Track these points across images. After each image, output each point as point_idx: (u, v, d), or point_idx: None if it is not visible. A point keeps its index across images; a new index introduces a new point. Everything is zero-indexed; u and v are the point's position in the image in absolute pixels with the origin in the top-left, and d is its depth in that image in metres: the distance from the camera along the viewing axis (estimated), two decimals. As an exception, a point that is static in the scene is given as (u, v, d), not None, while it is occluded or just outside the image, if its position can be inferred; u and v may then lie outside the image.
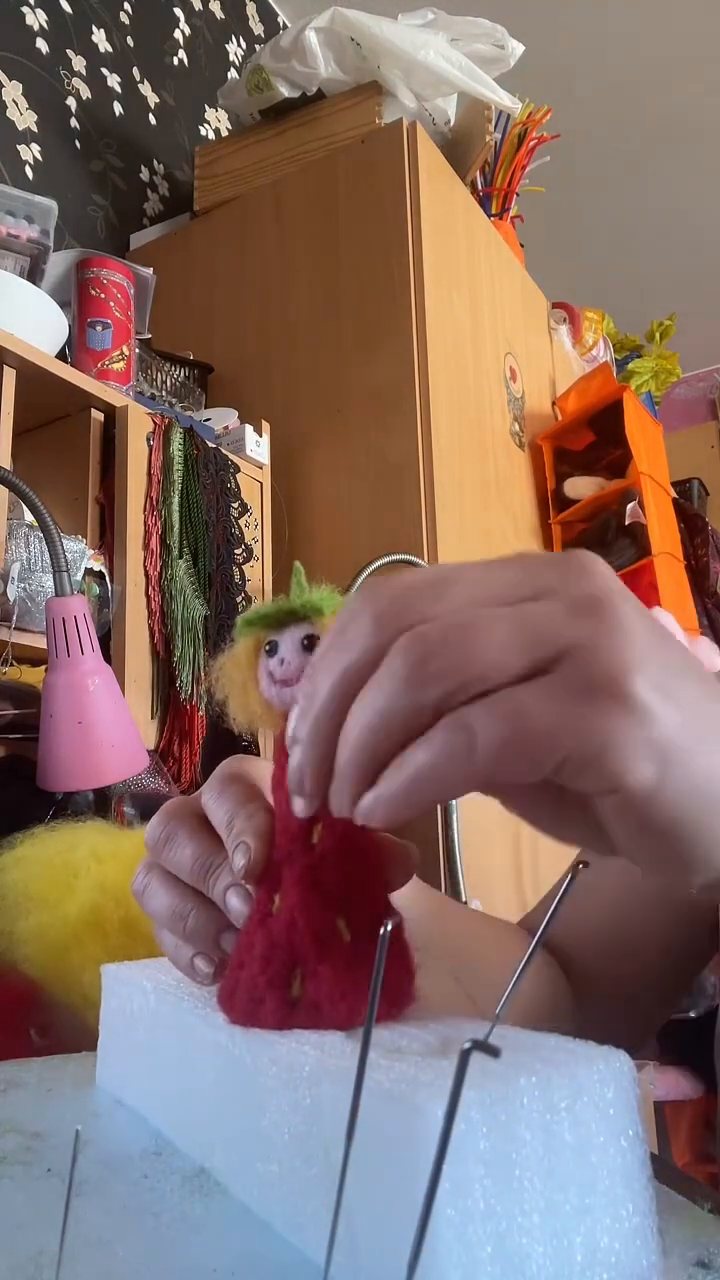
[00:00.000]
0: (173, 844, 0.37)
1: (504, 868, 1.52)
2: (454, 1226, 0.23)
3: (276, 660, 0.35)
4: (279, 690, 0.35)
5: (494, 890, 1.45)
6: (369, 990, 0.26)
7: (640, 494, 1.84)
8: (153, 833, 0.39)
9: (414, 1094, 0.24)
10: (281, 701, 0.35)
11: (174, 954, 0.37)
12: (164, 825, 0.38)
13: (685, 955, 0.58)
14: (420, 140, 1.66)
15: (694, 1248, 0.28)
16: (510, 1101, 0.24)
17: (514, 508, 1.81)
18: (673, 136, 2.93)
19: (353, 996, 0.31)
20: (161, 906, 0.37)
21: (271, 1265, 0.27)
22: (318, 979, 0.32)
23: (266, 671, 0.35)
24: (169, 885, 0.37)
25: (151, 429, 1.31)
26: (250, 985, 0.33)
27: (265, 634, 0.36)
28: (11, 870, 0.67)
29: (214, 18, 2.39)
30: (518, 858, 1.56)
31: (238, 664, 0.36)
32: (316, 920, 0.32)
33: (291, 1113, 0.28)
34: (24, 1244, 0.28)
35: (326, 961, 0.32)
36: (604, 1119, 0.26)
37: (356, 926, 0.33)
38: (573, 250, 3.09)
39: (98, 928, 0.63)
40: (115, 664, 1.19)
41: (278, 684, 0.35)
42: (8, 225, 1.31)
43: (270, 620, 0.36)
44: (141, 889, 0.38)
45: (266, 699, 0.35)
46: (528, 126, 1.98)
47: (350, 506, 1.58)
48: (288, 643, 0.35)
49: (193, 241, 1.87)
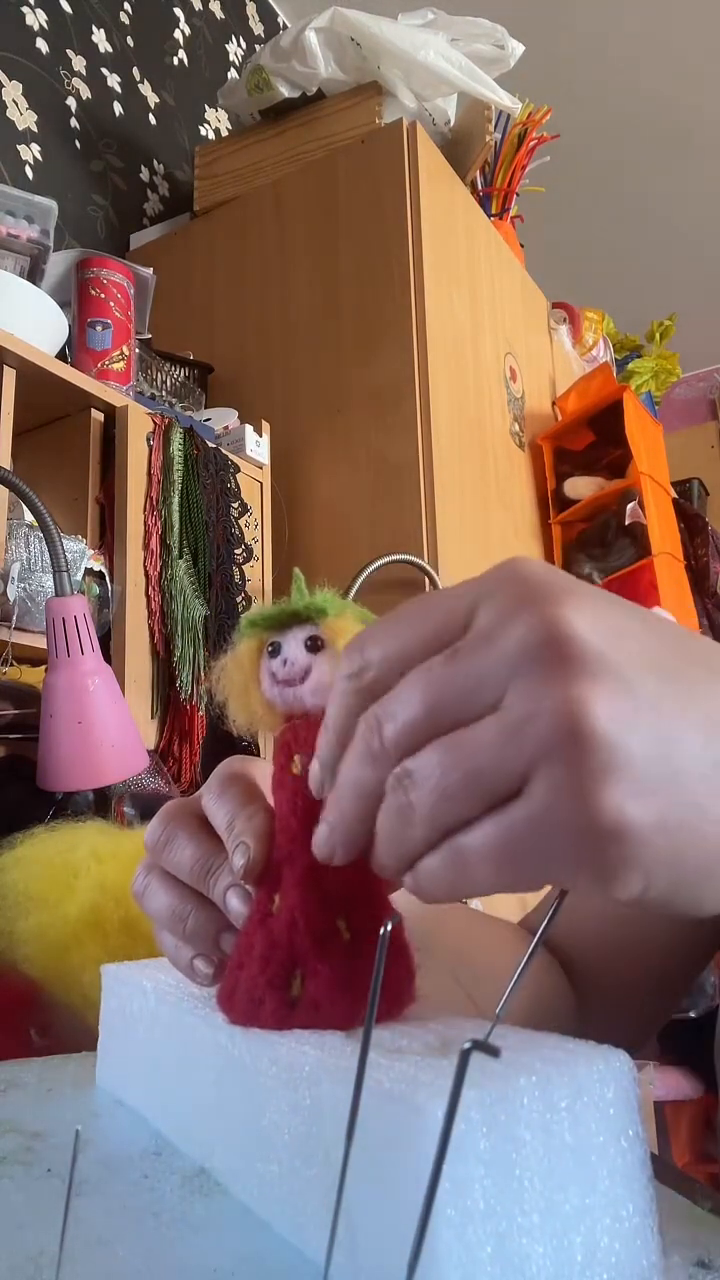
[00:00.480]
0: (173, 845, 0.37)
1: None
2: (454, 1226, 0.23)
3: (279, 661, 0.35)
4: (280, 691, 0.35)
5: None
6: (369, 990, 0.26)
7: (640, 494, 1.84)
8: (152, 834, 0.39)
9: (414, 1094, 0.24)
10: (283, 702, 0.35)
11: (174, 955, 0.37)
12: (164, 827, 0.38)
13: (686, 955, 0.58)
14: (420, 140, 1.66)
15: (694, 1248, 0.28)
16: (510, 1101, 0.24)
17: (514, 508, 1.81)
18: (672, 136, 2.93)
19: (352, 996, 0.31)
20: (161, 907, 0.37)
21: (271, 1265, 0.27)
22: (317, 979, 0.32)
23: (269, 672, 0.36)
24: (169, 886, 0.37)
25: (151, 429, 1.31)
26: (250, 985, 0.33)
27: (268, 635, 0.36)
28: (11, 870, 0.67)
29: (214, 18, 2.39)
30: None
31: (240, 664, 0.36)
32: (317, 920, 0.33)
33: (291, 1113, 0.28)
34: (24, 1244, 0.28)
35: (326, 961, 0.32)
36: (604, 1119, 0.26)
37: (356, 927, 0.33)
38: (573, 250, 3.09)
39: (98, 928, 0.63)
40: (115, 664, 1.19)
41: (280, 684, 0.35)
42: (8, 225, 1.31)
43: (273, 621, 0.36)
44: (141, 890, 0.38)
45: (268, 699, 0.36)
46: (528, 126, 1.98)
47: (350, 506, 1.58)
48: (291, 643, 0.35)
49: (193, 241, 1.87)
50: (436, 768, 0.25)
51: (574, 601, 0.26)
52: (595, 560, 1.85)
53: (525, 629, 0.25)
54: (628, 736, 0.24)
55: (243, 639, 0.36)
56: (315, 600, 0.35)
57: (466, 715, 0.26)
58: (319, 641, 0.35)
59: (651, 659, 0.26)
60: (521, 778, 0.24)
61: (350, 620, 0.35)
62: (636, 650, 0.26)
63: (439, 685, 0.26)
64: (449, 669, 0.26)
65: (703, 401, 3.04)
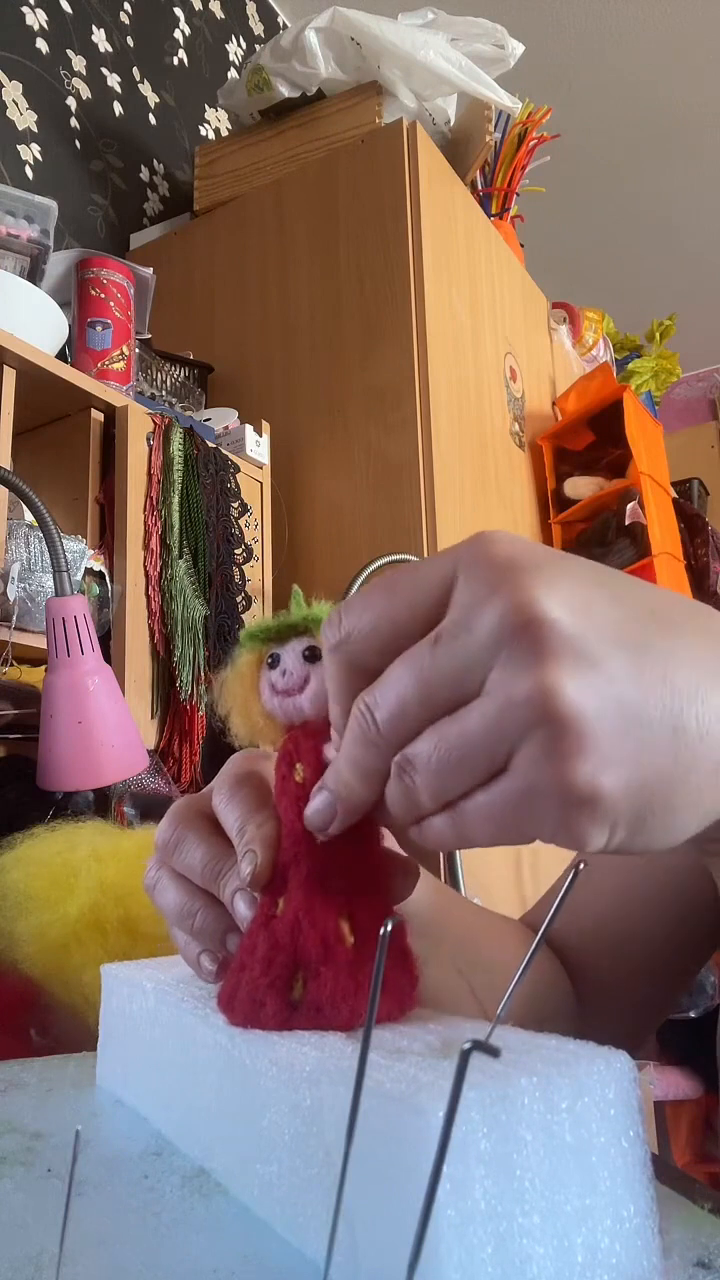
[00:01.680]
0: (183, 848, 0.39)
1: (504, 867, 1.52)
2: (455, 1227, 0.23)
3: (278, 672, 0.36)
4: (280, 701, 0.36)
5: (493, 889, 1.45)
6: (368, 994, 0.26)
7: (640, 494, 1.84)
8: (163, 834, 0.39)
9: (415, 1094, 0.24)
10: (283, 712, 0.36)
11: (183, 949, 0.39)
12: (174, 829, 0.39)
13: (685, 949, 0.58)
14: (420, 140, 1.66)
15: (694, 1248, 0.28)
16: (511, 1102, 0.24)
17: (514, 508, 1.81)
18: (672, 136, 2.93)
19: (354, 999, 0.32)
20: (170, 903, 0.38)
21: (271, 1265, 0.27)
22: (320, 981, 0.32)
23: (268, 683, 0.37)
24: (178, 883, 0.39)
25: (151, 429, 1.31)
26: (251, 987, 0.33)
27: (267, 648, 0.37)
28: (11, 870, 0.67)
29: (214, 18, 2.39)
30: (518, 857, 1.56)
31: (240, 677, 0.38)
32: (320, 923, 0.33)
33: (292, 1113, 0.28)
34: (24, 1244, 0.28)
35: (329, 964, 0.32)
36: (605, 1120, 0.26)
37: (360, 931, 0.33)
38: (573, 250, 3.09)
39: (98, 928, 0.62)
40: (115, 664, 1.19)
41: (279, 695, 0.36)
42: (8, 225, 1.31)
43: (272, 634, 0.37)
44: (152, 885, 0.40)
45: (268, 710, 0.37)
46: (528, 126, 1.98)
47: (350, 506, 1.58)
48: (289, 654, 0.36)
49: (193, 241, 1.87)
50: (433, 754, 0.29)
51: (543, 581, 0.28)
52: (595, 560, 1.85)
53: (498, 615, 0.27)
54: (596, 715, 0.27)
55: (242, 652, 0.38)
56: (312, 611, 0.37)
57: (453, 700, 0.29)
58: (317, 651, 0.35)
59: (618, 632, 0.28)
60: (506, 756, 0.28)
61: None
62: (603, 624, 0.28)
63: (426, 674, 0.29)
64: (433, 658, 0.29)
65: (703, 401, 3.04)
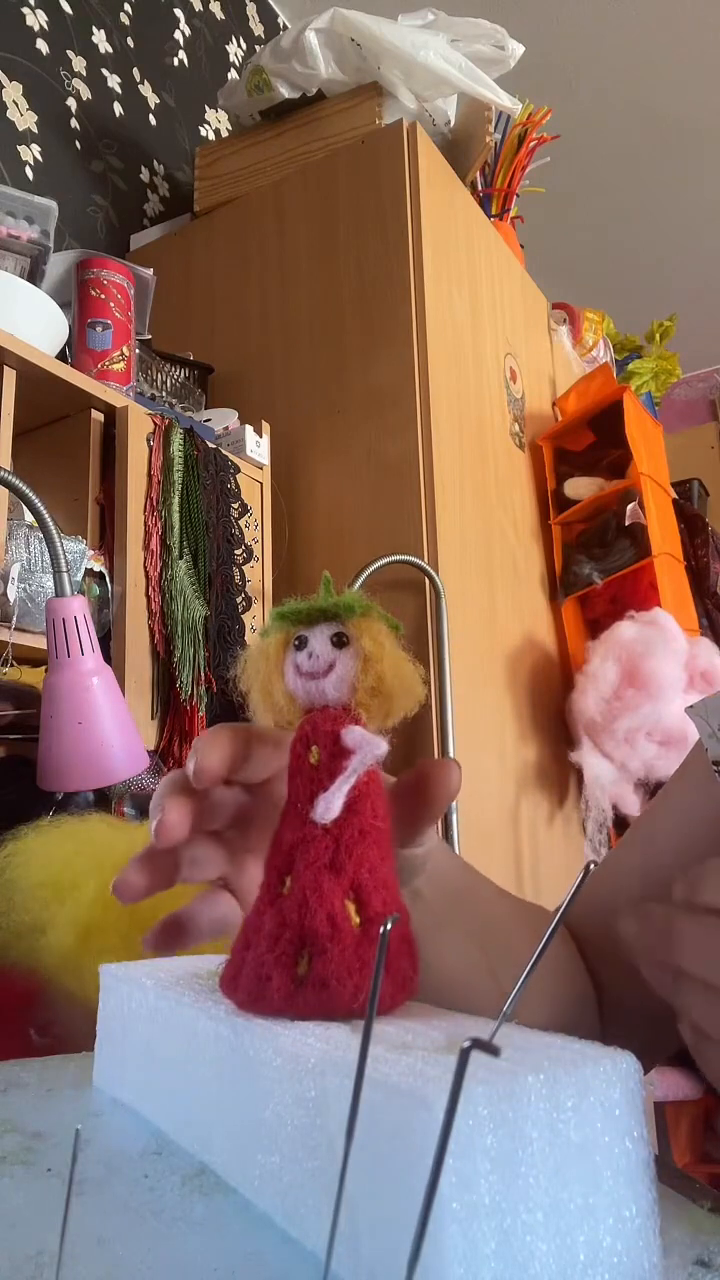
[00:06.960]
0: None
1: (504, 867, 1.52)
2: (458, 1221, 0.23)
3: (305, 654, 0.37)
4: (304, 683, 0.37)
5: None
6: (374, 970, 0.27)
7: (640, 494, 1.84)
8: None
9: (420, 1088, 0.24)
10: (306, 694, 0.37)
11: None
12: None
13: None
14: (420, 141, 1.66)
15: (694, 1248, 0.28)
16: (517, 1099, 0.24)
17: (514, 508, 1.81)
18: (673, 136, 2.93)
19: (359, 975, 0.32)
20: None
21: (272, 1265, 0.27)
22: (326, 958, 0.33)
23: (294, 664, 0.37)
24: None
25: (151, 429, 1.31)
26: (257, 963, 0.33)
27: (295, 629, 0.37)
28: (15, 868, 0.67)
29: (214, 18, 2.39)
30: (518, 857, 1.56)
31: (266, 655, 0.38)
32: (328, 902, 0.33)
33: (295, 1105, 0.28)
34: (24, 1244, 0.28)
35: (336, 941, 0.33)
36: (610, 1119, 0.26)
37: (366, 911, 0.34)
38: (573, 250, 3.09)
39: (100, 927, 0.62)
40: (115, 664, 1.19)
41: (303, 677, 0.37)
42: (8, 226, 1.31)
43: (301, 617, 0.37)
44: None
45: (290, 690, 0.37)
46: (528, 127, 1.98)
47: (350, 506, 1.58)
48: (317, 638, 0.37)
49: (193, 242, 1.87)
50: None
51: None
52: (595, 560, 1.85)
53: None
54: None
55: (271, 631, 0.38)
56: (343, 599, 0.37)
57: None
58: (344, 638, 0.36)
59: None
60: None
61: (375, 620, 0.37)
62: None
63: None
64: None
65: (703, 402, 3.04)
